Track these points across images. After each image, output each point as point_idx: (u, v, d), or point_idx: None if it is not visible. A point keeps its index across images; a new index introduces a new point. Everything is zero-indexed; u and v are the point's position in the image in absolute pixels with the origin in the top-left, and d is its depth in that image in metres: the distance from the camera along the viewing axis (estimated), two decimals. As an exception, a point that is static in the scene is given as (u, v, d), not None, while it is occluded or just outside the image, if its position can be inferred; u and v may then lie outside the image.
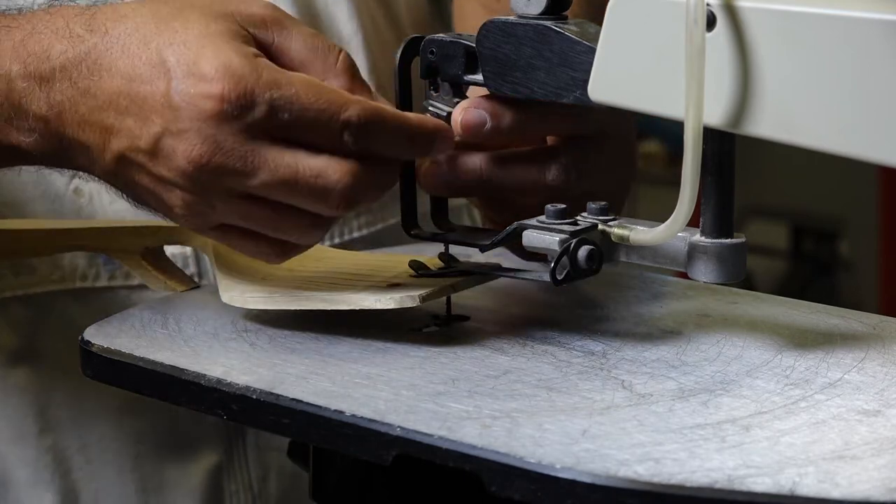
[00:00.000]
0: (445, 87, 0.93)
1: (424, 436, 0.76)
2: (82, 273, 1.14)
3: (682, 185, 0.81)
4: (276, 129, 0.84)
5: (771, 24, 0.78)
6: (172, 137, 0.85)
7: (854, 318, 0.95)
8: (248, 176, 0.85)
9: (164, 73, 0.85)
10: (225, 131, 0.84)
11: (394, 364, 0.87)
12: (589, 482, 0.71)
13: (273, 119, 0.84)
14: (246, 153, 0.84)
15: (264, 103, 0.84)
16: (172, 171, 0.86)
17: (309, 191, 0.85)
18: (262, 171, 0.85)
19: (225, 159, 0.84)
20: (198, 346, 0.90)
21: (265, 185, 0.85)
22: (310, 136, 0.85)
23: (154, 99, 0.85)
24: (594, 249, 0.87)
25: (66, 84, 0.88)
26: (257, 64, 0.85)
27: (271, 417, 0.82)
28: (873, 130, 0.75)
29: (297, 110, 0.84)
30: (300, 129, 0.85)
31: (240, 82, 0.84)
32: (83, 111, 0.88)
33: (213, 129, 0.84)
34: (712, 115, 0.80)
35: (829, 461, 0.72)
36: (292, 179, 0.85)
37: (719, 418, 0.78)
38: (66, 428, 1.15)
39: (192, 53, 0.85)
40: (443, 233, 0.95)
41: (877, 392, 0.82)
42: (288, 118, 0.84)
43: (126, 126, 0.86)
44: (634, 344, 0.90)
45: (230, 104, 0.84)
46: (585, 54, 0.86)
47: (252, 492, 1.18)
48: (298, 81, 0.85)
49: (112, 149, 0.87)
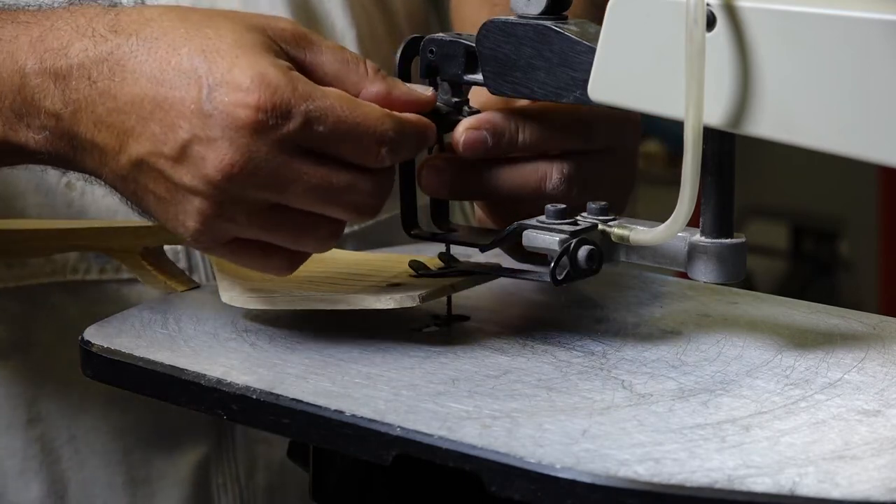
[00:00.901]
0: (445, 87, 0.93)
1: (424, 436, 0.76)
2: (73, 266, 1.14)
3: (682, 185, 0.81)
4: (310, 141, 0.84)
5: (771, 24, 0.78)
6: (202, 145, 0.83)
7: (854, 318, 0.95)
8: (278, 189, 0.84)
9: (195, 80, 0.84)
10: (259, 142, 0.83)
11: (394, 364, 0.87)
12: (589, 482, 0.71)
13: (308, 131, 0.83)
14: (278, 166, 0.83)
15: (300, 115, 0.83)
16: (198, 179, 0.84)
17: (339, 203, 0.85)
18: (295, 184, 0.84)
19: (256, 171, 0.83)
20: (198, 346, 0.90)
21: (296, 197, 0.84)
22: (344, 149, 0.84)
23: (183, 105, 0.84)
24: (594, 249, 0.87)
25: (85, 83, 0.87)
26: (292, 76, 0.84)
27: (271, 417, 0.82)
28: (873, 130, 0.75)
29: (332, 123, 0.84)
30: (335, 141, 0.84)
31: (276, 93, 0.83)
32: (101, 111, 0.86)
33: (246, 138, 0.83)
34: (712, 115, 0.80)
35: (829, 461, 0.72)
36: (325, 192, 0.84)
37: (719, 418, 0.78)
38: (54, 419, 1.15)
39: (226, 62, 0.84)
40: (443, 233, 0.95)
41: (877, 392, 0.82)
42: (323, 130, 0.83)
43: (149, 131, 0.85)
44: (634, 344, 0.90)
45: (265, 114, 0.83)
46: (585, 54, 0.86)
47: (239, 484, 1.18)
48: (333, 94, 0.85)
49: (130, 153, 0.86)
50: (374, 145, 0.84)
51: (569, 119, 0.92)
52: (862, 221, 3.58)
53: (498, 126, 0.91)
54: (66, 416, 1.15)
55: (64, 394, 1.15)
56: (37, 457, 1.15)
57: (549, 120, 0.92)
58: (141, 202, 0.89)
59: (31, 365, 1.15)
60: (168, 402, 0.88)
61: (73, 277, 1.14)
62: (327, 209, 0.86)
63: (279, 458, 1.18)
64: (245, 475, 1.18)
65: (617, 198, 0.95)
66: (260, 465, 1.18)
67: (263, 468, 1.18)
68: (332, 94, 0.85)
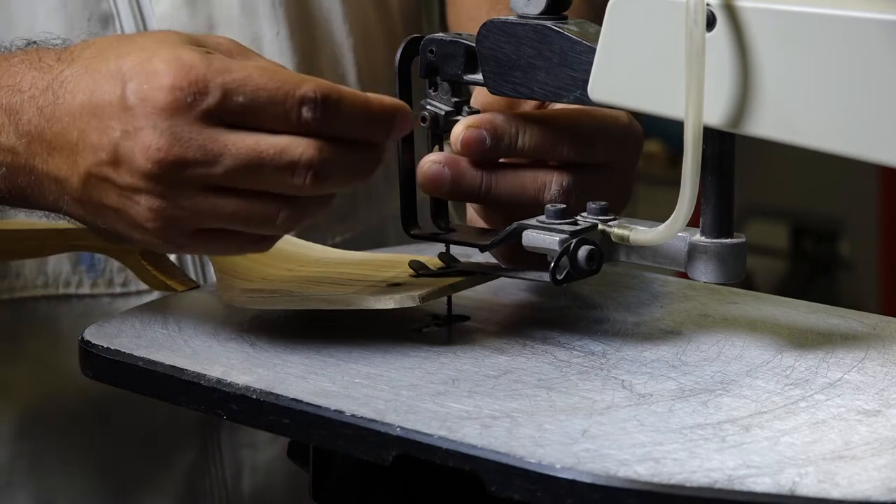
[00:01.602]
0: (444, 87, 0.93)
1: (424, 436, 0.76)
2: (65, 280, 1.14)
3: (682, 185, 0.81)
4: (232, 114, 0.83)
5: (771, 24, 0.78)
6: (130, 139, 0.83)
7: (854, 318, 0.95)
8: (210, 165, 0.83)
9: (119, 79, 0.84)
10: (180, 122, 0.82)
11: (394, 364, 0.87)
12: (589, 482, 0.71)
13: (228, 103, 0.83)
14: (205, 141, 0.83)
15: (217, 88, 0.82)
16: (135, 176, 0.84)
17: (274, 169, 0.83)
18: (224, 157, 0.83)
19: (184, 151, 0.83)
20: (198, 346, 0.90)
21: (229, 171, 0.83)
22: (267, 117, 0.83)
23: (112, 106, 0.84)
24: (594, 249, 0.87)
25: (34, 112, 0.87)
26: (209, 56, 0.84)
27: (271, 417, 0.82)
28: (873, 130, 0.75)
29: (251, 91, 0.83)
30: (257, 111, 0.83)
31: (191, 70, 0.82)
32: (49, 137, 0.86)
33: (167, 120, 0.82)
34: (712, 115, 0.80)
35: (829, 461, 0.72)
36: (256, 160, 0.83)
37: (719, 418, 0.78)
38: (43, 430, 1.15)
39: (145, 55, 0.84)
40: (443, 233, 0.95)
41: (877, 392, 0.82)
42: (243, 101, 0.83)
43: (89, 141, 0.85)
44: (634, 344, 0.90)
45: (182, 91, 0.82)
46: (585, 54, 0.86)
47: (226, 489, 1.18)
48: (252, 66, 0.84)
49: (79, 170, 0.86)
50: (295, 106, 0.83)
51: (571, 130, 0.92)
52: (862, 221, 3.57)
53: (498, 128, 0.91)
54: (54, 427, 1.15)
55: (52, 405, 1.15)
56: (24, 468, 1.15)
57: (552, 128, 0.92)
58: (104, 220, 0.89)
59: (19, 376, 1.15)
60: (168, 402, 0.88)
61: (66, 291, 1.14)
62: (264, 177, 0.84)
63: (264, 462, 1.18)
64: (231, 480, 1.18)
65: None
66: (245, 469, 1.18)
67: (249, 473, 1.18)
68: (250, 65, 0.84)
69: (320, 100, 0.83)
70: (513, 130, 0.91)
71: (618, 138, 0.94)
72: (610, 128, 0.93)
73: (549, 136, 0.92)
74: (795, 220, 3.84)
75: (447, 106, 0.93)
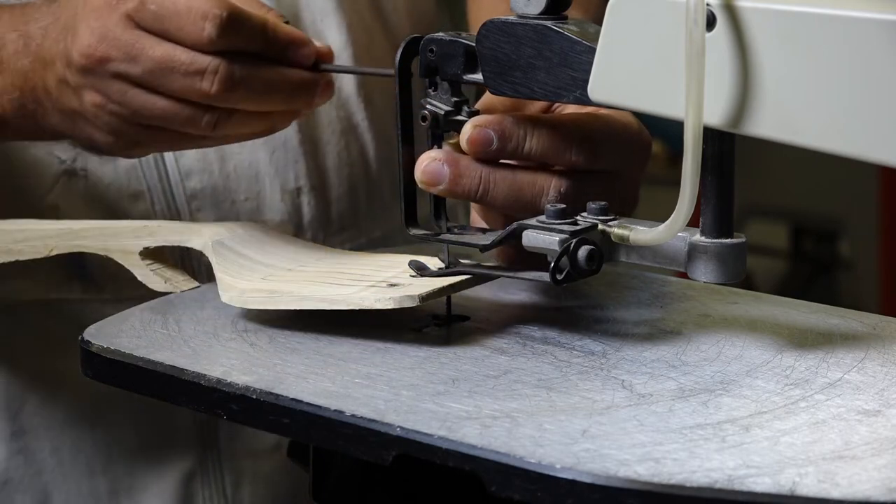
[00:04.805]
0: (444, 87, 0.93)
1: (424, 436, 0.76)
2: (57, 285, 1.14)
3: (682, 185, 0.81)
4: (146, 19, 0.96)
5: (771, 24, 0.78)
6: (73, 41, 0.97)
7: (854, 318, 0.95)
8: (130, 62, 0.96)
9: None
10: (109, 22, 0.96)
11: (394, 364, 0.87)
12: (589, 482, 0.71)
13: (142, 10, 0.96)
14: (127, 41, 0.96)
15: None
16: (76, 73, 0.98)
17: (185, 73, 0.96)
18: (141, 57, 0.96)
19: (108, 49, 0.96)
20: (198, 346, 0.90)
21: (147, 71, 0.96)
22: (174, 28, 0.95)
23: (71, 16, 0.98)
24: (594, 249, 0.87)
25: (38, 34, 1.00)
26: None
27: (271, 417, 0.82)
28: (873, 130, 0.76)
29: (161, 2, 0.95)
30: (165, 18, 0.95)
31: None
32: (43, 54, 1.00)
33: (98, 21, 0.96)
34: (712, 115, 0.80)
35: (829, 461, 0.72)
36: (168, 63, 0.96)
37: (719, 418, 0.78)
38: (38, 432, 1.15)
39: None
40: (443, 233, 0.95)
41: (877, 392, 0.82)
42: (154, 8, 0.95)
43: (58, 50, 0.99)
44: (634, 344, 0.90)
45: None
46: (585, 54, 0.86)
47: (226, 497, 1.18)
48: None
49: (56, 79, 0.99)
50: (198, 20, 0.95)
51: (578, 135, 0.91)
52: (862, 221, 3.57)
53: (507, 130, 0.91)
54: (49, 428, 1.15)
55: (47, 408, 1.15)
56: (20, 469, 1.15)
57: (560, 133, 0.91)
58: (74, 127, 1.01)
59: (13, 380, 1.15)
60: (168, 403, 0.88)
61: (58, 296, 1.14)
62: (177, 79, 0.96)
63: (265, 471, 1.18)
64: (231, 488, 1.18)
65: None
66: (246, 478, 1.18)
67: (249, 482, 1.19)
68: None
69: (225, 18, 0.95)
70: (521, 133, 0.91)
71: (626, 146, 0.93)
72: (619, 135, 0.93)
73: (557, 141, 0.91)
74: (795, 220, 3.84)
75: (447, 106, 0.93)
